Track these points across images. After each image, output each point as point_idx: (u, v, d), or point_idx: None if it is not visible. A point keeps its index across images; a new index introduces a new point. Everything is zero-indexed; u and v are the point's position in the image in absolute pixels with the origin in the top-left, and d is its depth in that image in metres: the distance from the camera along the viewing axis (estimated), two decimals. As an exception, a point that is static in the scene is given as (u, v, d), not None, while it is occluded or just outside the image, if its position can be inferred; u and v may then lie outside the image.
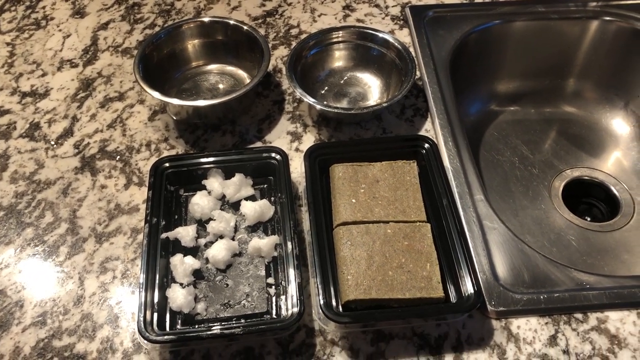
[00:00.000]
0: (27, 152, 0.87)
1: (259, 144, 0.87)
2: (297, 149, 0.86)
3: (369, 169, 0.78)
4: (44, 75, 0.98)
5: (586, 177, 1.05)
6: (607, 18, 1.02)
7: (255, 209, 0.75)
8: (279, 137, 0.88)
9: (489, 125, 1.12)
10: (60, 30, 1.07)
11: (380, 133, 0.88)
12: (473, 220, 0.76)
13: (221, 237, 0.75)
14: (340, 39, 0.94)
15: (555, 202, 1.02)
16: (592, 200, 1.06)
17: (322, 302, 0.64)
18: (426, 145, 0.78)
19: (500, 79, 1.14)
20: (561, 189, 1.03)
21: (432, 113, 0.89)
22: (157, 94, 0.82)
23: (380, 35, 0.91)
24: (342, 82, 0.95)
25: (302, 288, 0.66)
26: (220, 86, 0.95)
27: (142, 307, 0.65)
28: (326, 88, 0.95)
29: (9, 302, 0.71)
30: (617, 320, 0.67)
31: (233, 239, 0.75)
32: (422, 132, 0.87)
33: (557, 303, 0.69)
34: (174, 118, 0.90)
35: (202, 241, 0.74)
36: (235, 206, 0.78)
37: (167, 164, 0.79)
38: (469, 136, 0.89)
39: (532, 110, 1.15)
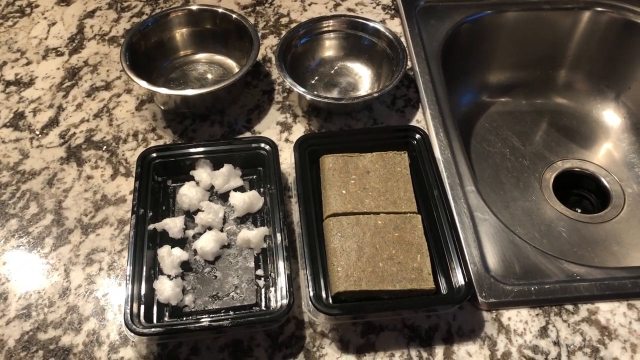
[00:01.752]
0: (12, 141, 0.85)
1: (248, 135, 0.86)
2: (286, 140, 0.85)
3: (359, 160, 0.77)
4: (28, 63, 0.96)
5: (577, 169, 1.05)
6: (599, 9, 1.02)
7: (245, 200, 0.74)
8: (269, 127, 0.87)
9: (480, 116, 1.12)
10: (45, 18, 1.05)
11: (371, 123, 0.87)
12: (464, 211, 0.76)
13: (210, 228, 0.74)
14: (330, 28, 0.92)
15: (546, 194, 1.01)
16: (583, 191, 1.06)
17: (311, 294, 0.64)
18: (417, 136, 0.78)
19: (491, 69, 1.13)
20: (552, 180, 1.03)
21: (423, 104, 0.88)
22: (144, 83, 0.81)
23: (371, 24, 0.90)
24: (332, 72, 0.94)
25: (292, 280, 0.65)
26: (209, 76, 0.93)
27: (129, 299, 0.64)
28: (316, 78, 0.94)
29: (-8, 295, 0.70)
30: (608, 311, 0.67)
31: (222, 230, 0.74)
32: (413, 123, 0.87)
33: (548, 294, 0.68)
34: (162, 108, 0.88)
35: (190, 232, 0.73)
36: (224, 197, 0.77)
37: (154, 154, 0.77)
38: (460, 127, 0.89)
39: (523, 102, 1.14)
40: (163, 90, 0.81)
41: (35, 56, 0.98)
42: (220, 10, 0.91)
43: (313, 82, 0.93)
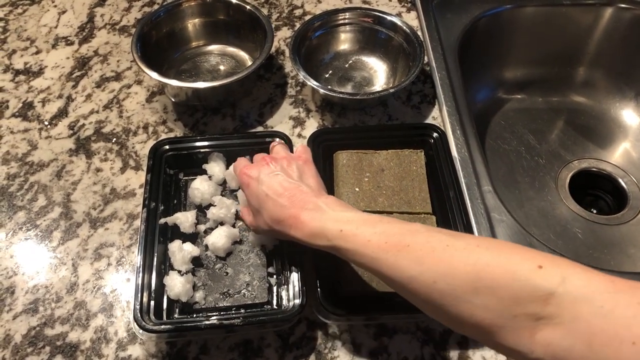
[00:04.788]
0: (20, 132, 0.84)
1: (260, 129, 0.84)
2: (299, 135, 0.83)
3: (374, 157, 0.75)
4: (38, 52, 0.95)
5: (594, 169, 1.02)
6: (623, 5, 0.99)
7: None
8: (281, 122, 0.85)
9: (495, 113, 1.10)
10: (55, 6, 1.03)
11: (386, 120, 0.85)
12: (481, 212, 0.74)
13: (221, 223, 0.72)
14: (346, 21, 0.90)
15: (562, 194, 0.99)
16: (599, 192, 1.04)
17: (321, 294, 0.62)
18: (435, 135, 0.76)
19: (508, 65, 1.11)
20: (568, 180, 1.01)
21: (440, 100, 0.86)
22: (155, 75, 0.79)
23: (389, 18, 0.88)
24: (347, 65, 0.92)
25: (305, 279, 0.64)
26: (221, 68, 0.92)
27: (139, 294, 0.63)
28: (330, 72, 0.92)
29: (-1, 288, 0.69)
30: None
31: (234, 226, 0.72)
32: (429, 120, 0.85)
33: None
34: (173, 100, 0.87)
35: (202, 227, 0.72)
36: (236, 192, 0.75)
37: (166, 147, 0.76)
38: (476, 124, 0.87)
39: (539, 99, 1.12)
40: (174, 82, 0.80)
41: (44, 45, 0.96)
42: (233, 1, 0.89)
43: (327, 75, 0.91)
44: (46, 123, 0.85)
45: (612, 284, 0.40)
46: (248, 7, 0.88)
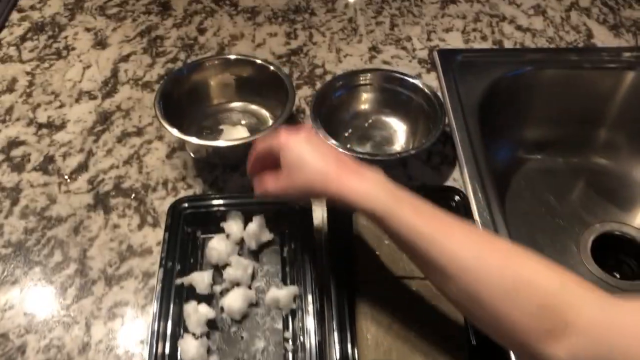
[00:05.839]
0: (40, 186, 0.84)
1: (279, 187, 0.83)
2: (318, 194, 0.83)
3: (393, 220, 0.74)
4: (61, 106, 0.96)
5: (616, 232, 1.00)
6: (644, 69, 0.99)
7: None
8: (300, 180, 0.84)
9: (515, 173, 1.09)
10: (80, 60, 1.05)
11: (406, 180, 0.84)
12: (504, 278, 0.72)
13: (237, 284, 0.71)
14: (367, 82, 0.91)
15: (584, 257, 0.97)
16: (622, 256, 1.01)
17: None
18: (457, 198, 0.75)
19: (528, 125, 1.10)
20: (590, 243, 0.99)
21: (461, 162, 0.85)
22: (176, 132, 0.79)
23: (410, 80, 0.88)
24: (366, 124, 0.92)
25: (322, 345, 0.62)
26: (242, 124, 0.92)
27: (152, 357, 0.61)
28: (350, 130, 0.92)
29: (10, 347, 0.67)
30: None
31: (250, 287, 0.71)
32: (450, 181, 0.84)
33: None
34: (193, 156, 0.87)
35: (218, 288, 0.71)
36: (254, 253, 0.75)
37: (185, 204, 0.76)
38: (495, 184, 0.86)
39: (560, 159, 1.11)
40: (195, 140, 0.80)
41: (68, 99, 0.97)
42: (258, 60, 0.90)
43: (347, 134, 0.91)
44: (66, 177, 0.85)
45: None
46: (272, 67, 0.89)
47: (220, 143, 0.81)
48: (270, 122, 0.92)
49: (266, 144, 0.64)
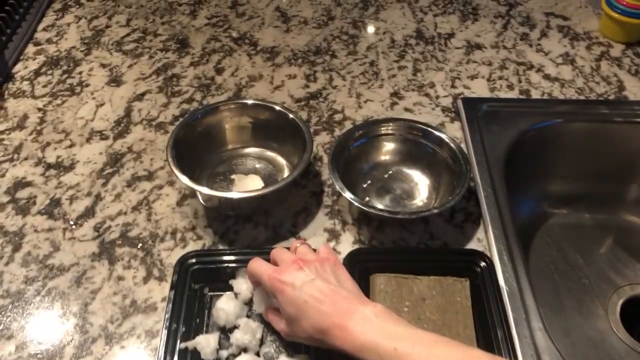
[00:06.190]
0: (44, 231, 0.81)
1: (292, 241, 0.79)
2: (333, 249, 0.78)
3: (414, 284, 0.70)
4: (71, 146, 0.93)
5: (648, 296, 0.95)
6: (678, 125, 0.95)
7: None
8: (315, 234, 0.80)
9: (539, 228, 1.04)
10: (94, 98, 1.02)
11: (427, 238, 0.80)
12: (530, 354, 0.67)
13: (245, 350, 0.66)
14: (389, 132, 0.87)
15: (613, 322, 0.91)
16: (654, 321, 0.96)
17: None
18: (482, 264, 0.70)
19: (554, 178, 1.06)
20: (619, 307, 0.93)
21: (486, 221, 0.80)
22: (187, 180, 0.76)
23: (435, 133, 0.84)
24: (386, 176, 0.88)
25: None
26: (257, 171, 0.88)
27: None
28: (369, 181, 0.88)
29: (1, 410, 0.63)
30: None
31: (258, 354, 0.66)
32: (474, 241, 0.79)
33: None
34: (204, 204, 0.83)
35: (224, 354, 0.66)
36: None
37: (193, 260, 0.72)
38: (520, 240, 0.81)
39: (586, 215, 1.06)
40: (205, 191, 0.76)
41: (79, 138, 0.94)
42: (277, 107, 0.86)
43: (365, 185, 0.87)
44: (71, 223, 0.81)
45: None
46: (291, 115, 0.85)
47: (233, 194, 0.77)
48: (286, 169, 0.88)
49: (259, 276, 0.64)
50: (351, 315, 0.54)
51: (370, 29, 1.19)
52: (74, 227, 0.81)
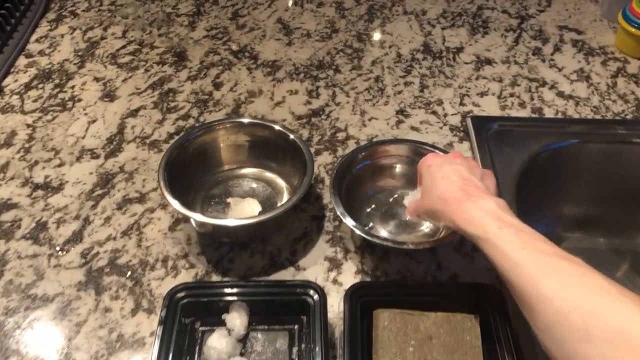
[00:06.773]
0: (28, 257, 0.76)
1: (291, 270, 0.75)
2: (334, 281, 0.74)
3: (421, 321, 0.65)
4: (60, 165, 0.89)
5: (666, 326, 0.90)
6: (699, 146, 0.89)
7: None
8: (315, 262, 0.76)
9: (551, 253, 0.99)
10: (86, 114, 0.98)
11: (435, 268, 0.75)
12: (546, 398, 0.62)
13: (237, 391, 0.62)
14: (394, 153, 0.82)
15: (630, 355, 0.86)
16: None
17: None
18: (493, 299, 0.65)
19: (568, 201, 1.01)
20: (636, 338, 0.88)
21: (497, 251, 0.76)
22: (179, 206, 0.71)
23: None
24: (391, 200, 0.83)
25: None
26: (254, 194, 0.83)
27: None
28: (373, 205, 0.83)
29: None
30: None
31: (251, 397, 0.62)
32: (483, 272, 0.74)
33: None
34: (198, 230, 0.78)
35: (215, 396, 0.61)
36: (257, 351, 0.65)
37: (183, 293, 0.67)
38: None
39: (600, 239, 1.01)
40: (198, 217, 0.72)
41: (69, 157, 0.90)
42: (276, 127, 0.82)
43: (369, 210, 0.82)
44: (57, 249, 0.77)
45: None
46: (292, 135, 0.80)
47: (227, 222, 0.72)
48: (286, 192, 0.83)
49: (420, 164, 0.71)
50: (472, 195, 0.59)
51: (376, 42, 1.15)
52: (60, 253, 0.76)
